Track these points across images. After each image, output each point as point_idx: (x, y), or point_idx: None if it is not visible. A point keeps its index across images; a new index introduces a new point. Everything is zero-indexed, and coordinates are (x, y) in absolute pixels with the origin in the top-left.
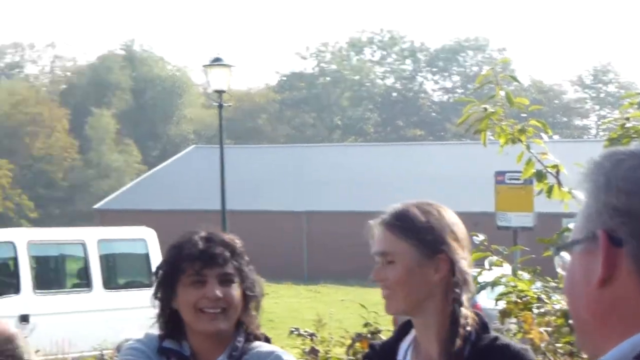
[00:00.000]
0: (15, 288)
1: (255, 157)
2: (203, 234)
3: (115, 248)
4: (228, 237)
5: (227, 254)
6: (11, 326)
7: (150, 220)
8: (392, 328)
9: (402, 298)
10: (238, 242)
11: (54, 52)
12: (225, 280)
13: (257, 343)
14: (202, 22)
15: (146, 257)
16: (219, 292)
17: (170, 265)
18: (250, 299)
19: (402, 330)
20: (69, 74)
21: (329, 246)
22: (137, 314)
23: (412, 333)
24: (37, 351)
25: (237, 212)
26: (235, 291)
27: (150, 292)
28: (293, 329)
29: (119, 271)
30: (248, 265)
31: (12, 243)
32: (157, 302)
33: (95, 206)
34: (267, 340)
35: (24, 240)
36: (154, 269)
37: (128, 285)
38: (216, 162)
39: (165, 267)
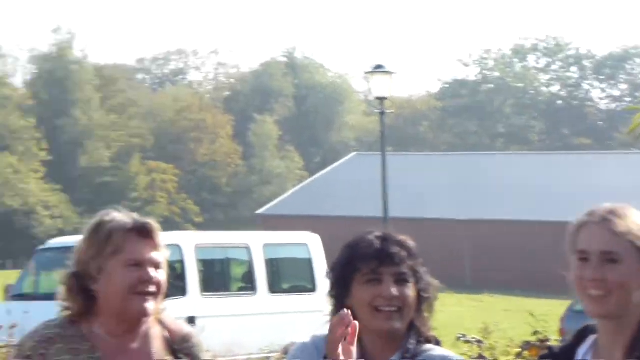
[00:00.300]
0: (182, 290)
1: (417, 164)
2: (378, 233)
3: (280, 252)
4: (403, 237)
5: (404, 253)
6: (187, 326)
7: (311, 226)
8: (559, 337)
9: (616, 300)
10: (412, 243)
11: (218, 59)
12: (401, 280)
13: (429, 346)
14: (363, 29)
15: (309, 262)
16: (394, 291)
17: (345, 264)
18: (423, 300)
19: (580, 335)
20: (232, 80)
21: (492, 255)
22: (301, 318)
23: (591, 338)
24: (207, 351)
25: (398, 219)
26: (411, 291)
27: (313, 297)
28: (460, 335)
29: (283, 275)
30: (423, 266)
31: (178, 246)
32: (331, 301)
33: (259, 211)
34: (438, 343)
35: (191, 244)
36: (316, 273)
37: (292, 290)
38: (377, 169)
39: (340, 266)
